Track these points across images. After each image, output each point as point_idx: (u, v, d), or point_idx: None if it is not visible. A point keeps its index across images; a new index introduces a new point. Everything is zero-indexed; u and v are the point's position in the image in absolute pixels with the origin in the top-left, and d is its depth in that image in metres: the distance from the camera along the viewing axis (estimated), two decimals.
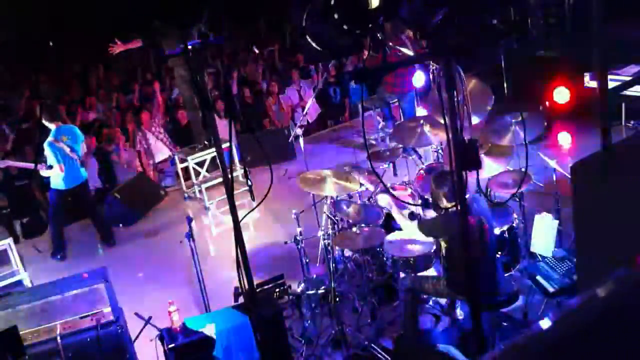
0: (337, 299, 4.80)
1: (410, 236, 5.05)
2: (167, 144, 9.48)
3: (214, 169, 8.83)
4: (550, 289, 4.58)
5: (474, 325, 2.98)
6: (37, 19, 13.66)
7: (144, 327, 4.62)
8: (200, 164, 8.68)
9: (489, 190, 5.49)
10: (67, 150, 7.05)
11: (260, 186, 3.30)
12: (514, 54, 8.44)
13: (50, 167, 7.02)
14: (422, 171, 5.80)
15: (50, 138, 7.08)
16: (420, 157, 6.30)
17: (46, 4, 13.22)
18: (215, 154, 6.02)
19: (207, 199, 8.33)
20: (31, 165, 7.46)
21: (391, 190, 5.52)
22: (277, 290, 5.30)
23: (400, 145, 6.03)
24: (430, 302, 5.01)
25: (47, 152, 7.04)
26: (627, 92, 6.95)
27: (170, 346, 4.19)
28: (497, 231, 4.93)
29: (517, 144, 5.14)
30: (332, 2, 2.52)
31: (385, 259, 5.22)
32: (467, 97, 4.25)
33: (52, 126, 7.11)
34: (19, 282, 6.62)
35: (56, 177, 7.13)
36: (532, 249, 5.28)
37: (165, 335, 4.31)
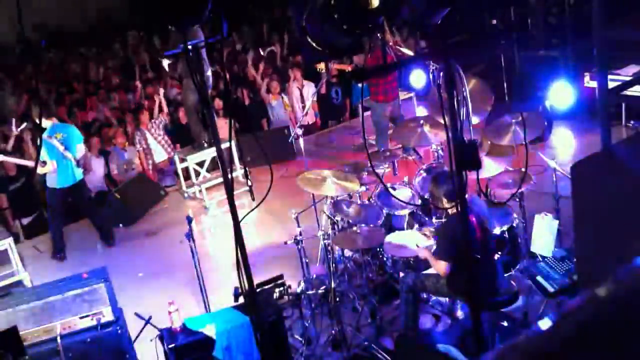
0: (337, 299, 4.79)
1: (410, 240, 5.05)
2: (165, 147, 9.45)
3: (214, 169, 8.83)
4: (550, 289, 4.58)
5: (474, 325, 2.99)
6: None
7: (144, 327, 4.62)
8: (200, 164, 8.68)
9: (488, 190, 5.49)
10: (61, 148, 6.99)
11: (261, 186, 3.30)
12: (514, 54, 8.43)
13: (44, 162, 6.99)
14: (422, 171, 5.81)
15: (44, 134, 7.07)
16: (420, 157, 6.29)
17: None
18: (215, 154, 6.01)
19: (207, 199, 8.34)
20: (31, 163, 7.47)
21: (391, 191, 5.52)
22: (277, 290, 5.30)
23: (400, 146, 6.02)
24: (431, 302, 5.01)
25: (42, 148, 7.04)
26: (627, 92, 6.94)
27: (170, 346, 4.18)
28: (497, 231, 4.94)
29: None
30: (332, 2, 2.52)
31: (385, 259, 5.23)
32: (467, 97, 4.25)
33: (47, 123, 7.10)
34: (19, 282, 6.63)
35: (51, 176, 7.11)
36: (532, 249, 5.27)
37: (165, 335, 4.31)
